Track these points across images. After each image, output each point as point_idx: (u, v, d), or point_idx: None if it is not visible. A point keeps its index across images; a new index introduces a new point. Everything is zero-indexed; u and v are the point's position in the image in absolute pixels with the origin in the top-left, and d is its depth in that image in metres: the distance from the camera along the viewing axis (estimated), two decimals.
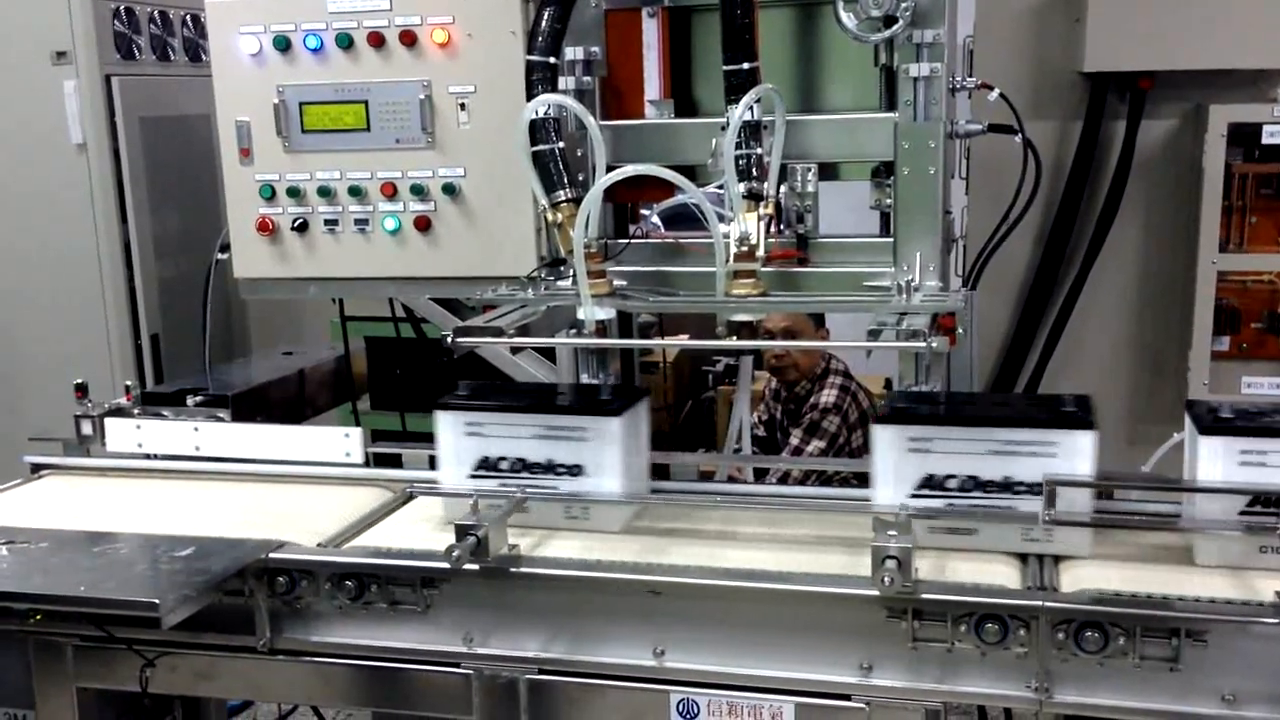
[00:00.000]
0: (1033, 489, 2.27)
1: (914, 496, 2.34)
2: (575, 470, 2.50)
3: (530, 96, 2.55)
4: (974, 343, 2.85)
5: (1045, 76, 3.98)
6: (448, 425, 2.55)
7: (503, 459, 2.53)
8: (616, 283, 2.62)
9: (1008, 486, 2.29)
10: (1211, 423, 2.28)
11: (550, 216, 2.57)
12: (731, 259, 2.47)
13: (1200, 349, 3.85)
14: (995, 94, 2.80)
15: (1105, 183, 4.00)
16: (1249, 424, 2.27)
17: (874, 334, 2.35)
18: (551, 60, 2.58)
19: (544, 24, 2.57)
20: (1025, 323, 4.16)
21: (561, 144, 2.57)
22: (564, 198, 2.55)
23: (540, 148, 2.55)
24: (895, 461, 2.35)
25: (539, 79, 2.57)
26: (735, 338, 2.55)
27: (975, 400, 2.48)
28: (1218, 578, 2.25)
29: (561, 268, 2.73)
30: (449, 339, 2.51)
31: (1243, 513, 2.25)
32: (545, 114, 2.54)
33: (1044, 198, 3.88)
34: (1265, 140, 3.70)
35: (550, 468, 2.51)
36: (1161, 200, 4.01)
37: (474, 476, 2.55)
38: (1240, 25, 3.65)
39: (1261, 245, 3.83)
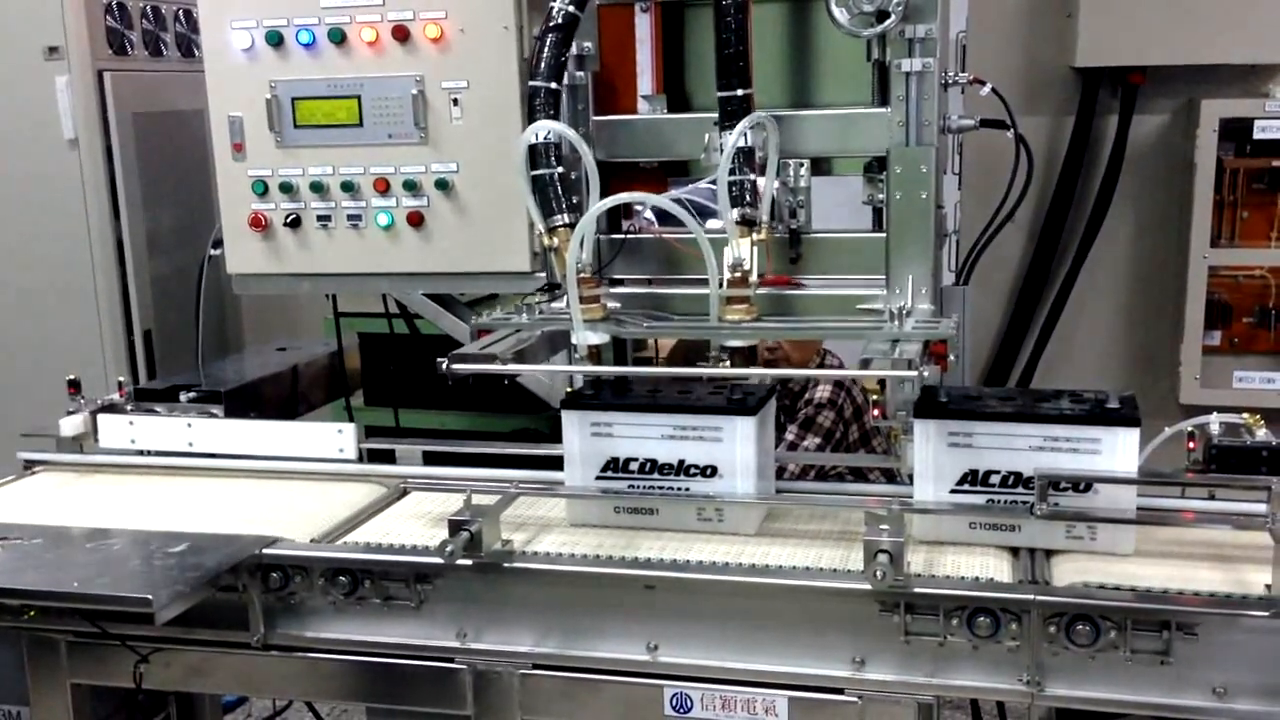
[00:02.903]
0: (704, 471, 2.50)
1: (600, 478, 2.56)
2: None
3: (532, 121, 2.56)
4: (965, 338, 2.85)
5: (1037, 72, 3.99)
6: None
7: None
8: (611, 304, 2.63)
9: (683, 469, 2.52)
10: (925, 407, 2.40)
11: (547, 241, 2.59)
12: (725, 284, 2.48)
13: (1192, 343, 3.86)
14: (987, 89, 2.80)
15: (1097, 178, 4.01)
16: (958, 407, 2.40)
17: (865, 363, 2.37)
18: (553, 86, 2.58)
19: (547, 50, 2.56)
20: (1018, 317, 4.18)
21: (560, 169, 2.58)
22: (560, 223, 2.56)
23: (539, 172, 2.56)
24: (581, 445, 2.57)
25: (541, 105, 2.57)
26: (729, 363, 2.57)
27: (661, 389, 2.69)
28: (1209, 570, 2.27)
29: (557, 290, 2.74)
30: (443, 366, 2.52)
31: (952, 490, 2.39)
32: (545, 138, 2.55)
33: (1036, 193, 3.90)
34: (1257, 135, 3.72)
35: None
36: (1153, 195, 4.02)
37: None
38: (1231, 20, 3.66)
39: (1253, 240, 3.84)
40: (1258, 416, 2.45)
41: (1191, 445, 2.42)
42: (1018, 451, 2.35)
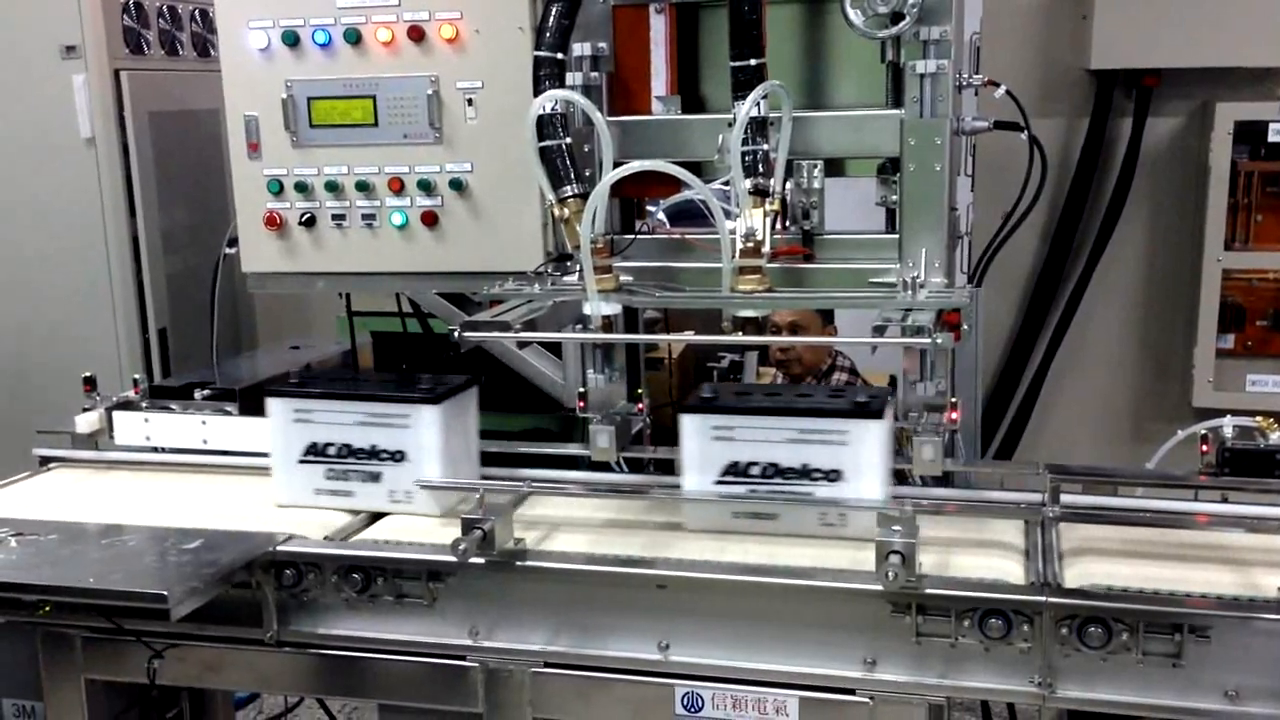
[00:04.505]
0: (394, 456, 2.66)
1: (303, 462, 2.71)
2: None
3: (538, 92, 2.56)
4: (978, 340, 2.85)
5: (1052, 73, 3.99)
6: None
7: None
8: (623, 278, 2.62)
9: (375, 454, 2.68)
10: (694, 403, 2.56)
11: (557, 212, 2.57)
12: (737, 255, 2.47)
13: (1205, 346, 3.86)
14: (1002, 91, 2.80)
15: (1111, 180, 4.01)
16: (720, 403, 2.54)
17: (879, 330, 2.36)
18: (559, 56, 2.58)
19: (552, 19, 2.57)
20: (1030, 319, 4.17)
21: (569, 139, 2.58)
22: (571, 193, 2.55)
23: (547, 143, 2.55)
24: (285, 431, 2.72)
25: (546, 74, 2.57)
26: (741, 333, 2.56)
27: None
28: (1221, 573, 2.26)
29: (568, 263, 2.74)
30: (456, 333, 2.52)
31: (717, 481, 2.50)
32: (553, 109, 2.55)
33: (1050, 195, 3.89)
34: (1271, 138, 3.71)
35: None
36: (1167, 198, 4.01)
37: None
38: (1247, 23, 3.65)
39: (1267, 243, 3.84)
40: (1271, 420, 2.45)
41: (1204, 448, 2.41)
42: (775, 444, 2.46)
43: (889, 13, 2.44)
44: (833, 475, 2.47)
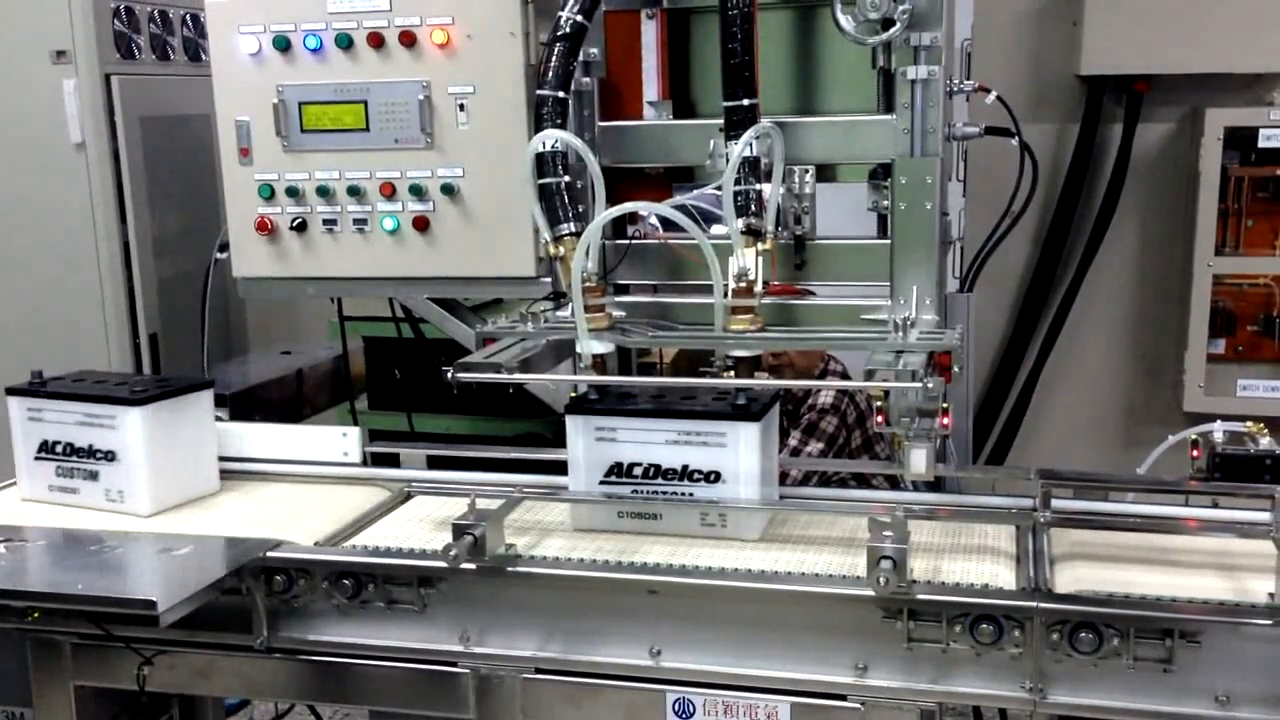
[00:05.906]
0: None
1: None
2: None
3: (539, 129, 2.57)
4: (970, 344, 2.86)
5: (1043, 79, 4.00)
6: None
7: None
8: (615, 313, 2.63)
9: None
10: (575, 405, 2.61)
11: (553, 250, 2.59)
12: (730, 294, 2.49)
13: (1196, 352, 3.87)
14: (993, 96, 2.81)
15: (1102, 185, 4.02)
16: (602, 405, 2.58)
17: (870, 374, 2.37)
18: (561, 94, 2.59)
19: (554, 59, 2.57)
20: (1022, 324, 4.18)
21: (567, 178, 2.58)
22: (567, 232, 2.56)
23: (546, 180, 2.56)
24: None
25: (549, 113, 2.58)
26: (734, 374, 2.58)
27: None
28: (1212, 578, 2.27)
29: (563, 299, 2.75)
30: (448, 374, 2.52)
31: (601, 482, 2.56)
32: (552, 147, 2.55)
33: (1041, 200, 3.90)
34: (1261, 144, 3.73)
35: None
36: (1158, 203, 4.03)
37: None
38: (1236, 29, 3.67)
39: (1257, 248, 3.85)
40: (1261, 425, 2.45)
41: (1195, 453, 2.42)
42: (656, 445, 2.52)
43: (880, 18, 2.45)
44: (712, 476, 2.51)
